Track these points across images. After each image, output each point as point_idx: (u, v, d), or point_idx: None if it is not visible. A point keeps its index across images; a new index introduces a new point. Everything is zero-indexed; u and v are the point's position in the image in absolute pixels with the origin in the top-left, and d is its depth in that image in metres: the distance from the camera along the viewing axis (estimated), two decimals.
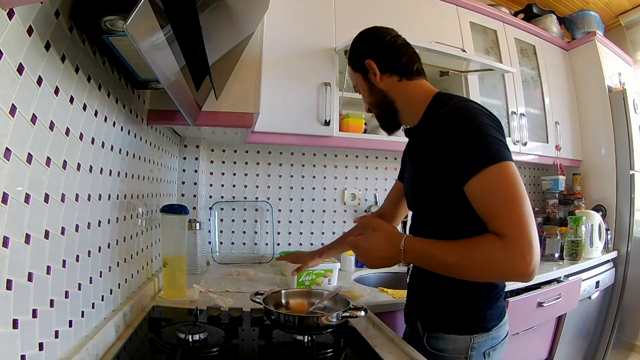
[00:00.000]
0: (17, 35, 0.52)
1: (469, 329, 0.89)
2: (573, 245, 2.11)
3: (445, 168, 0.82)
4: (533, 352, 1.86)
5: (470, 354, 0.88)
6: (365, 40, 1.03)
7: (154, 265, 1.36)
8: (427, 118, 0.93)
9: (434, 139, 0.85)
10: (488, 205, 0.77)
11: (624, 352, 2.58)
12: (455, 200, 0.83)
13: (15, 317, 0.54)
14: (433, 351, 0.92)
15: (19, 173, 0.54)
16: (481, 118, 0.80)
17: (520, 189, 0.75)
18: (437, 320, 0.93)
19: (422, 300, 0.98)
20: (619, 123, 2.44)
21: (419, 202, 0.99)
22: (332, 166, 2.10)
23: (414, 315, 0.99)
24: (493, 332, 0.90)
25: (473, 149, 0.77)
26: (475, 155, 0.77)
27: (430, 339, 0.93)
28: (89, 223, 0.79)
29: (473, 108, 0.83)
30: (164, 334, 0.92)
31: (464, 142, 0.78)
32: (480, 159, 0.76)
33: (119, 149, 0.95)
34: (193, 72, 0.88)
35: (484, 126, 0.79)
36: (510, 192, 0.74)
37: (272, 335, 0.98)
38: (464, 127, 0.79)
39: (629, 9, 2.89)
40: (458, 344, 0.89)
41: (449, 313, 0.91)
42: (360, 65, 1.01)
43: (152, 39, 0.60)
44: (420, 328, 0.95)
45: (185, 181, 1.81)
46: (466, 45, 2.02)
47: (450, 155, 0.81)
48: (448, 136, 0.81)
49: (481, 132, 0.78)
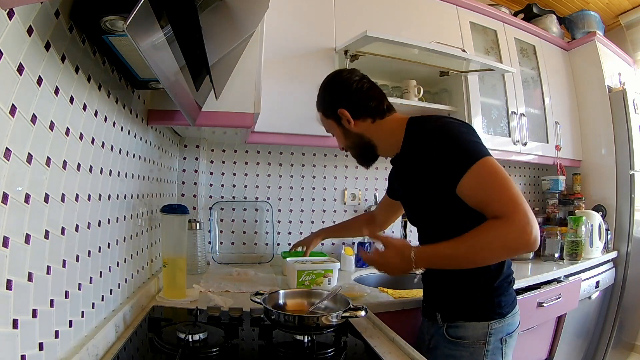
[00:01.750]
0: (17, 35, 0.52)
1: (487, 316, 0.96)
2: (573, 245, 2.11)
3: (438, 178, 0.90)
4: (533, 352, 1.86)
5: (488, 339, 0.96)
6: (334, 89, 1.08)
7: (154, 265, 1.36)
8: (407, 144, 1.01)
9: (421, 158, 0.94)
10: (481, 196, 0.85)
11: (624, 352, 2.58)
12: (453, 207, 0.91)
13: (15, 317, 0.54)
14: (453, 339, 0.99)
15: (19, 173, 0.54)
16: (458, 127, 0.91)
17: (505, 174, 0.84)
18: (456, 309, 1.00)
19: (439, 293, 1.06)
20: (619, 123, 2.43)
21: (420, 217, 1.09)
22: (332, 166, 2.10)
23: (433, 308, 1.07)
24: (508, 319, 0.98)
25: (456, 154, 0.87)
26: (460, 158, 0.86)
27: (449, 328, 1.01)
28: (89, 223, 0.79)
29: (448, 122, 0.94)
30: (164, 334, 0.92)
31: (448, 150, 0.88)
32: (464, 160, 0.86)
33: (119, 149, 0.95)
34: (193, 72, 0.88)
35: (461, 134, 0.89)
36: (498, 179, 0.83)
37: (272, 335, 0.98)
38: (445, 138, 0.89)
39: (629, 9, 2.89)
40: (477, 330, 0.96)
41: (467, 302, 0.99)
42: (332, 113, 1.07)
43: (152, 39, 0.60)
44: (440, 319, 1.03)
45: (185, 181, 1.81)
46: (466, 45, 2.02)
47: (439, 166, 0.89)
48: (434, 150, 0.90)
49: (460, 138, 0.88)
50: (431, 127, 0.94)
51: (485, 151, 0.87)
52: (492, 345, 0.96)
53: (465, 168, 0.85)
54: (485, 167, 0.84)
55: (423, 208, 1.05)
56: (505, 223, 0.79)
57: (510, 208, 0.80)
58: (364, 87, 1.05)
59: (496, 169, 0.84)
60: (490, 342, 0.96)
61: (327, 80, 1.11)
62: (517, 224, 0.78)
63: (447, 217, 0.96)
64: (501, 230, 0.80)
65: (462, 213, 0.89)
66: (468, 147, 0.87)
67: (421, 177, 0.97)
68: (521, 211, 0.79)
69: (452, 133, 0.90)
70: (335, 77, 1.10)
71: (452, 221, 0.94)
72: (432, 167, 0.91)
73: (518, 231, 0.78)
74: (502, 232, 0.80)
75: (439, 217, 0.99)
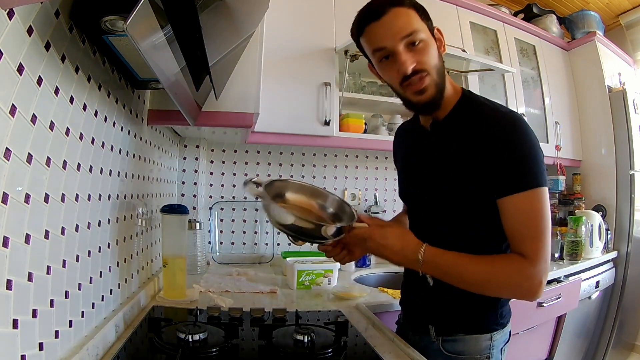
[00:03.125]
0: (17, 35, 0.52)
1: (490, 327, 0.89)
2: (573, 245, 2.11)
3: (489, 176, 0.79)
4: (533, 352, 1.86)
5: (491, 352, 0.89)
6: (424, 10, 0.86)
7: (154, 265, 1.36)
8: (458, 116, 0.86)
9: (479, 145, 0.80)
10: (519, 224, 0.78)
11: (624, 352, 2.58)
12: (488, 213, 0.81)
13: (15, 317, 0.54)
14: (451, 355, 0.90)
15: (19, 173, 0.54)
16: (534, 136, 0.79)
17: (549, 214, 0.78)
18: (455, 322, 0.90)
19: (433, 304, 0.93)
20: (619, 123, 2.43)
21: (438, 208, 0.90)
22: (332, 166, 2.09)
23: (425, 320, 0.94)
24: (507, 328, 0.93)
25: (523, 166, 0.77)
26: (523, 173, 0.77)
27: (445, 342, 0.90)
28: (89, 223, 0.79)
29: (526, 123, 0.81)
30: (164, 334, 0.92)
31: (517, 156, 0.77)
32: (527, 178, 0.77)
33: (119, 149, 0.95)
34: (193, 72, 0.88)
35: (536, 146, 0.78)
36: (544, 217, 0.77)
37: (272, 335, 0.97)
38: (520, 142, 0.77)
39: (629, 9, 2.89)
40: (479, 343, 0.89)
41: (468, 313, 0.89)
42: (429, 21, 0.85)
43: (152, 39, 0.60)
44: (434, 333, 0.92)
45: (185, 181, 1.81)
46: (466, 45, 2.02)
47: (497, 165, 0.78)
48: (501, 145, 0.78)
49: (534, 151, 0.78)
50: (510, 119, 0.80)
51: (546, 179, 0.79)
52: (494, 357, 0.90)
53: (524, 187, 0.76)
54: (541, 200, 0.77)
55: (448, 199, 0.87)
56: (529, 269, 0.76)
57: (539, 255, 0.76)
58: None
59: (547, 205, 0.78)
60: (492, 355, 0.89)
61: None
62: (539, 275, 0.76)
63: (476, 220, 0.85)
64: (523, 275, 0.77)
65: (492, 222, 0.81)
66: (536, 165, 0.77)
67: (470, 166, 0.81)
68: (547, 262, 0.77)
69: (529, 139, 0.78)
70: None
71: (478, 226, 0.85)
72: (490, 162, 0.78)
73: (535, 280, 0.76)
74: (522, 277, 0.77)
75: (467, 217, 0.85)
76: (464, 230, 0.86)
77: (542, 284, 0.76)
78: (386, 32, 0.80)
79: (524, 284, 0.77)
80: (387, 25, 0.80)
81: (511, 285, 0.79)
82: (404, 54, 0.80)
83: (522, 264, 0.77)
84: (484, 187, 0.80)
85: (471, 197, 0.83)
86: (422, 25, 0.82)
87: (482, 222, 0.84)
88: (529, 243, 0.77)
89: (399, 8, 0.79)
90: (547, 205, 0.78)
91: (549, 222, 0.78)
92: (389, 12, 0.79)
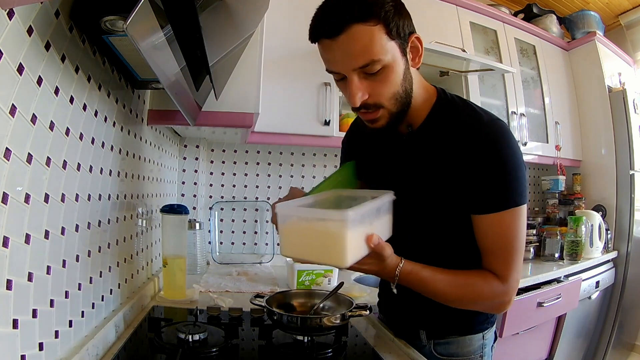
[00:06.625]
0: (17, 35, 0.52)
1: (482, 327, 0.90)
2: (573, 245, 2.11)
3: (468, 192, 0.76)
4: (533, 352, 1.86)
5: (484, 351, 0.90)
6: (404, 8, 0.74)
7: (154, 265, 1.36)
8: (435, 124, 0.80)
9: (459, 159, 0.75)
10: (496, 245, 0.78)
11: (624, 352, 2.58)
12: (465, 225, 0.79)
13: (15, 317, 0.54)
14: (444, 357, 0.89)
15: (19, 173, 0.54)
16: (517, 148, 0.75)
17: (524, 234, 0.79)
18: (447, 324, 0.89)
19: (423, 308, 0.89)
20: (619, 123, 2.43)
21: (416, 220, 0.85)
22: (332, 166, 2.09)
23: (414, 325, 0.92)
24: (494, 326, 0.94)
25: (504, 185, 0.74)
26: (504, 192, 0.74)
27: (437, 345, 0.90)
28: (89, 223, 0.79)
29: (510, 133, 0.76)
30: (164, 334, 0.92)
31: (499, 175, 0.73)
32: (506, 198, 0.74)
33: (119, 149, 0.95)
34: (193, 72, 0.88)
35: (519, 163, 0.75)
36: (519, 239, 0.77)
37: (272, 335, 0.97)
38: (503, 160, 0.73)
39: (629, 9, 2.88)
40: (473, 344, 0.89)
41: (460, 315, 0.86)
42: (402, 34, 0.72)
43: (152, 39, 0.60)
44: (425, 337, 0.91)
45: (185, 181, 1.81)
46: (466, 45, 2.02)
47: (478, 182, 0.74)
48: (483, 162, 0.74)
49: (516, 168, 0.74)
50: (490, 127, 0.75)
51: (526, 196, 0.76)
52: (487, 356, 0.90)
53: (502, 207, 0.74)
54: (519, 219, 0.75)
55: (423, 211, 0.83)
56: (501, 287, 0.77)
57: (512, 275, 0.77)
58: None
59: (523, 223, 0.77)
60: (485, 354, 0.89)
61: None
62: (510, 293, 0.78)
63: (453, 235, 0.83)
64: (494, 293, 0.78)
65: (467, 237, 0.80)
66: (519, 185, 0.74)
67: (442, 176, 0.78)
68: (517, 281, 0.78)
69: (514, 156, 0.74)
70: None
71: (455, 241, 0.83)
72: (467, 175, 0.75)
73: (506, 298, 0.78)
74: (494, 295, 0.78)
75: (438, 227, 0.83)
76: (439, 241, 0.85)
77: (512, 301, 0.80)
78: (340, 57, 0.70)
79: (495, 300, 0.79)
80: (343, 48, 0.69)
81: (484, 303, 0.81)
82: (355, 84, 0.71)
83: (493, 284, 0.78)
84: (462, 201, 0.77)
85: (447, 210, 0.80)
86: (388, 45, 0.69)
87: (457, 234, 0.82)
88: (502, 263, 0.78)
89: (359, 26, 0.67)
90: (523, 224, 0.77)
91: (524, 240, 0.79)
92: (346, 32, 0.67)
